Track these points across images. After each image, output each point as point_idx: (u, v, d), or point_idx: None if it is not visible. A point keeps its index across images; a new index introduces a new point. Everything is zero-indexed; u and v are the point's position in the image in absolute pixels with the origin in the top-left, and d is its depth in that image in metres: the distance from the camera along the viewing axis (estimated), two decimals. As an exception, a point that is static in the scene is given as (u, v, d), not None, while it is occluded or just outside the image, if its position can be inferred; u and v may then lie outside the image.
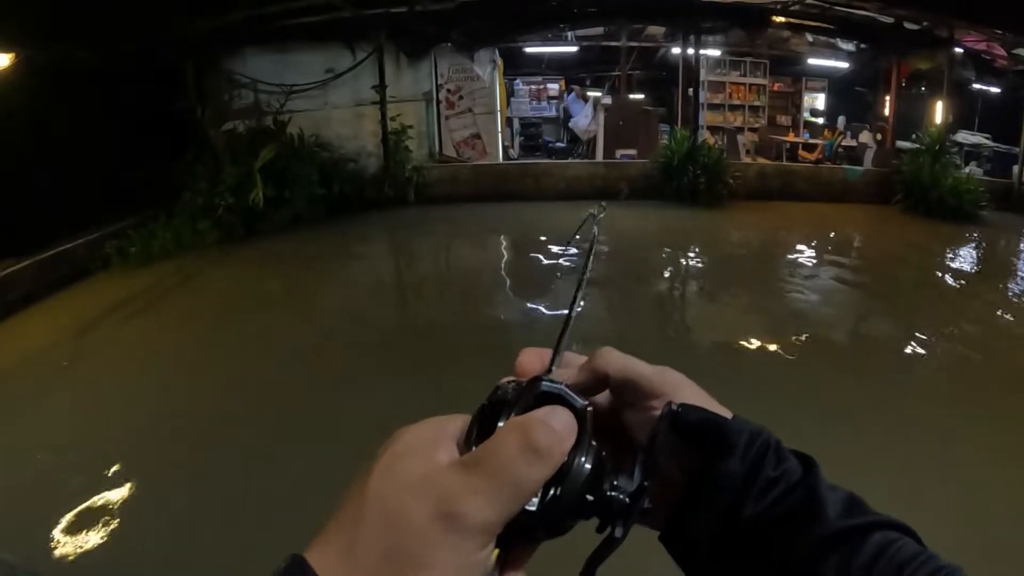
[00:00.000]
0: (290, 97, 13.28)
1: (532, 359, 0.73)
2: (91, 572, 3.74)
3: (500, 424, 0.57)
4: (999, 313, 8.18)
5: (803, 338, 6.97)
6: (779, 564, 0.66)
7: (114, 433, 5.26)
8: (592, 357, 0.75)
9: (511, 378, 0.68)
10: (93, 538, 3.99)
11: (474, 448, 0.55)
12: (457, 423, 0.60)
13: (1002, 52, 15.08)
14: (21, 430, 5.40)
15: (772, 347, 6.69)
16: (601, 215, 0.84)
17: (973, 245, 11.40)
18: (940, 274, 9.84)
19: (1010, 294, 8.81)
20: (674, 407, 0.69)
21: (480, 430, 0.57)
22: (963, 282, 9.36)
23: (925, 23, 13.91)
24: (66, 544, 3.96)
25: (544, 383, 0.61)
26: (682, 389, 0.74)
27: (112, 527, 4.08)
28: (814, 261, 10.34)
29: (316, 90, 13.59)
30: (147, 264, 9.69)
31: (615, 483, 0.62)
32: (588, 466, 0.58)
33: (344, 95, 13.79)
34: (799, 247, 11.15)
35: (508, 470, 0.52)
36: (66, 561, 3.84)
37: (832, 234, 12.11)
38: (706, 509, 0.69)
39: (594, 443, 0.59)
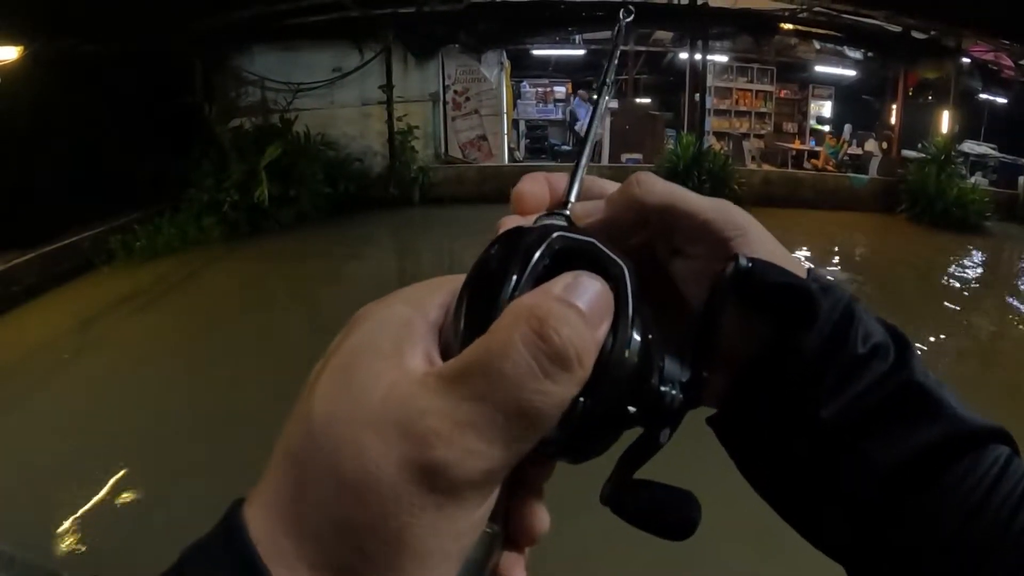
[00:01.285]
0: (297, 95, 13.30)
1: (537, 188, 0.54)
2: (88, 565, 3.75)
3: (500, 303, 0.37)
4: (1000, 324, 8.20)
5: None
6: (863, 472, 0.50)
7: (115, 428, 5.26)
8: (626, 185, 0.56)
9: (515, 219, 0.50)
10: (91, 532, 4.00)
11: (461, 346, 0.37)
12: (440, 297, 0.42)
13: (1009, 62, 15.08)
14: (21, 423, 5.42)
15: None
16: (628, 19, 0.64)
17: (977, 256, 11.40)
18: (944, 284, 9.82)
19: (1013, 305, 8.79)
20: (743, 263, 0.50)
21: (471, 314, 0.38)
22: (966, 292, 9.35)
23: (933, 32, 13.91)
24: (64, 537, 3.97)
25: (561, 234, 0.41)
26: (749, 234, 0.54)
27: (110, 521, 4.09)
28: (817, 268, 10.25)
29: (323, 89, 13.61)
30: (151, 259, 9.69)
31: (662, 367, 0.44)
32: (632, 359, 0.40)
33: (351, 94, 13.81)
34: (802, 255, 11.12)
35: (514, 391, 0.34)
36: (64, 553, 3.85)
37: (836, 242, 12.13)
38: (773, 396, 0.52)
39: (638, 320, 0.40)
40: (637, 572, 3.74)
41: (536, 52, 17.73)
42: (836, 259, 11.12)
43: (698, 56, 14.94)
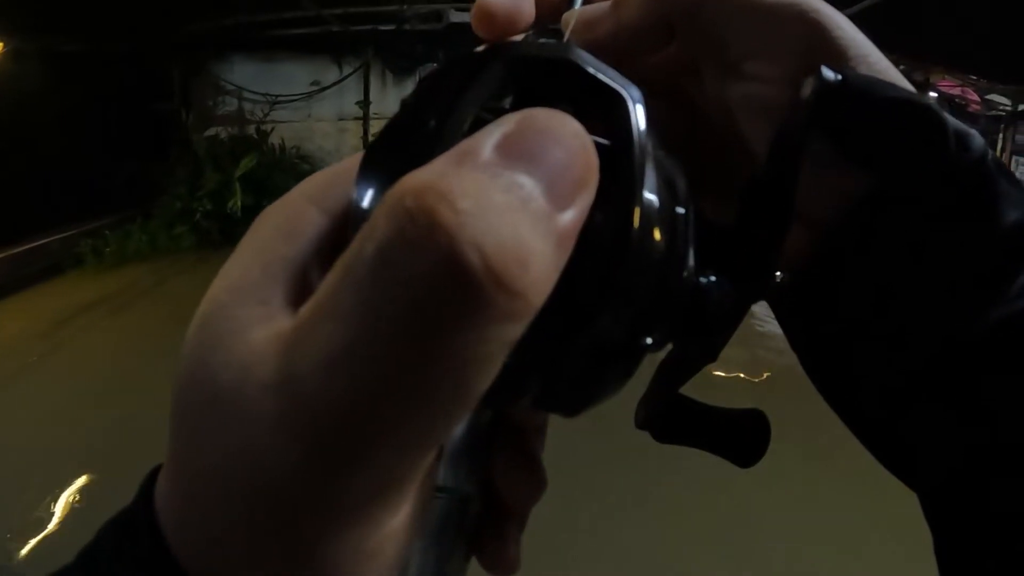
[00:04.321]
0: (274, 107, 13.30)
1: None
2: (45, 570, 3.73)
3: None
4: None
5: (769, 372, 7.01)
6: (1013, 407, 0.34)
7: (81, 432, 5.23)
8: None
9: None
10: (56, 537, 3.99)
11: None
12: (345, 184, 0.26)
13: (976, 97, 15.42)
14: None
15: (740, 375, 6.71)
16: None
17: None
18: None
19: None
20: (829, 76, 0.33)
21: (360, 204, 0.24)
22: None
23: (902, 67, 13.85)
24: (28, 542, 3.97)
25: (515, 54, 0.26)
26: (843, 37, 0.36)
27: (76, 527, 4.07)
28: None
29: (300, 102, 13.60)
30: (121, 265, 9.62)
31: (703, 250, 0.28)
32: (645, 246, 0.24)
33: (328, 108, 13.81)
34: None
35: (388, 350, 0.19)
36: (28, 558, 3.85)
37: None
38: (871, 277, 0.37)
39: (654, 178, 0.24)
40: None
41: (514, 73, 17.86)
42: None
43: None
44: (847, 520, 4.18)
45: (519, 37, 0.36)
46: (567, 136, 0.22)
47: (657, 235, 0.25)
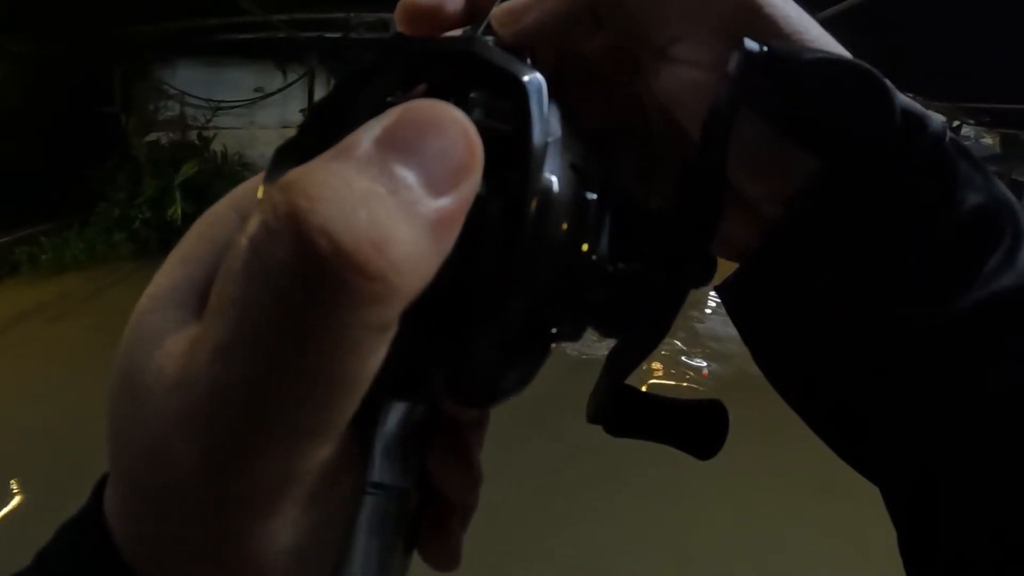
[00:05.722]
0: (217, 113, 13.14)
1: None
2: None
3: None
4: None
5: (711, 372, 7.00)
6: (976, 399, 0.32)
7: (16, 447, 5.17)
8: None
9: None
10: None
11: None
12: None
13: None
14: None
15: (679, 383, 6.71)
16: None
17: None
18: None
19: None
20: (753, 47, 0.31)
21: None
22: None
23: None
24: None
25: (415, 47, 0.27)
26: (770, 9, 0.34)
27: (9, 544, 3.97)
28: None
29: (243, 108, 13.46)
30: (58, 273, 9.46)
31: (626, 235, 0.29)
32: (545, 229, 0.24)
33: (272, 116, 13.69)
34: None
35: (262, 341, 0.20)
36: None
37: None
38: (826, 265, 0.34)
39: (558, 161, 0.25)
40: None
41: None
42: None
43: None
44: (804, 519, 4.21)
45: (458, 32, 0.35)
46: (446, 124, 0.22)
47: (560, 220, 0.24)
